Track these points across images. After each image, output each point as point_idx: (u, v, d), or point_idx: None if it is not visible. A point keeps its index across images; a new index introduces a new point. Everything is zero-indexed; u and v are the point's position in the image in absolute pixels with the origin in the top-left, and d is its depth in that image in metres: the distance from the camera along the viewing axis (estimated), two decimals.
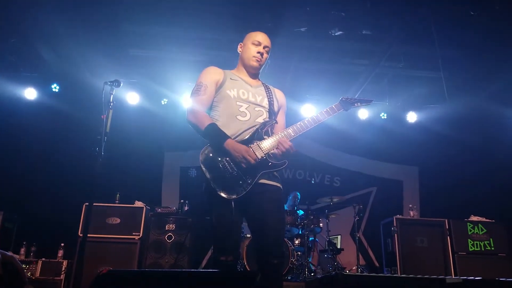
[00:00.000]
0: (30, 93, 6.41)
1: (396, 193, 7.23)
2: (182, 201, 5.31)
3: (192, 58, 6.20)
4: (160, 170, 6.97)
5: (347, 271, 5.10)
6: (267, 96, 2.53)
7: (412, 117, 7.13)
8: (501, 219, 5.15)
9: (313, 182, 7.22)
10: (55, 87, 6.49)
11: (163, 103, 6.91)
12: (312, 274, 4.83)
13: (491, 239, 4.93)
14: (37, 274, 4.67)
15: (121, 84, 2.98)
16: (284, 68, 6.38)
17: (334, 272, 2.50)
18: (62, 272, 4.70)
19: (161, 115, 6.93)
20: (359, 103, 2.67)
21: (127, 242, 4.77)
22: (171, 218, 5.00)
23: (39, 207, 6.07)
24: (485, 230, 4.95)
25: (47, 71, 6.30)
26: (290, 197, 5.93)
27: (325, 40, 5.66)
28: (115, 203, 5.01)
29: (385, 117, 7.19)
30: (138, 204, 5.05)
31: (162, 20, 5.41)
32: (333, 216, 5.60)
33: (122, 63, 6.09)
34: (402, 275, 2.68)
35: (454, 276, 4.64)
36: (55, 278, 4.67)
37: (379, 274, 2.62)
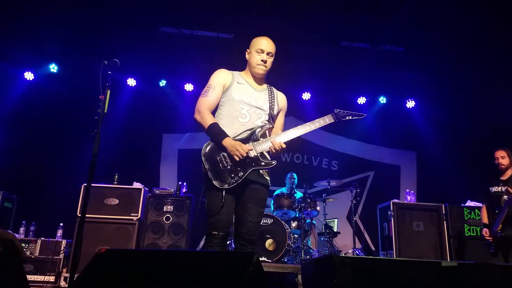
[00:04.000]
0: (28, 73, 6.36)
1: (393, 177, 7.27)
2: (180, 182, 5.32)
3: (192, 39, 6.16)
4: (159, 152, 6.98)
5: (343, 254, 5.16)
6: (269, 100, 2.76)
7: (410, 102, 7.14)
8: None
9: (313, 164, 7.25)
10: (53, 67, 6.44)
11: (161, 85, 6.88)
12: (308, 257, 4.89)
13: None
14: (36, 253, 4.72)
15: (119, 64, 2.93)
16: (283, 52, 6.33)
17: (329, 254, 2.54)
18: (61, 252, 4.75)
19: (159, 97, 6.92)
20: (351, 116, 2.86)
21: (125, 223, 4.81)
22: (169, 200, 5.03)
23: (38, 187, 6.10)
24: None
25: (45, 50, 6.24)
26: (288, 177, 5.95)
27: (326, 21, 5.62)
28: (114, 184, 5.02)
29: (384, 102, 7.19)
30: (137, 185, 5.06)
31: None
32: (330, 199, 5.63)
33: (121, 43, 6.02)
34: (398, 259, 2.72)
35: (450, 260, 4.70)
36: (54, 257, 4.71)
37: (375, 257, 2.67)
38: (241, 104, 2.65)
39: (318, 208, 5.47)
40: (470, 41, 5.75)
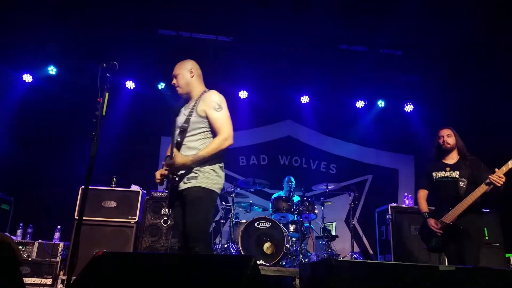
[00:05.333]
0: (26, 75, 6.37)
1: (391, 181, 7.28)
2: None
3: (191, 42, 6.17)
4: (157, 155, 6.97)
5: (341, 258, 5.15)
6: (189, 114, 2.82)
7: (409, 106, 7.18)
8: (496, 209, 5.18)
9: (311, 167, 7.26)
10: (52, 70, 6.44)
11: (160, 88, 6.89)
12: (307, 260, 4.88)
13: (485, 229, 4.96)
14: (34, 255, 4.70)
15: (117, 67, 2.94)
16: (282, 55, 6.36)
17: (327, 258, 2.54)
18: (59, 254, 4.73)
19: (158, 99, 6.93)
20: None
21: (123, 226, 4.80)
22: (167, 202, 5.00)
23: (36, 189, 6.09)
24: None
25: (44, 52, 6.24)
26: (285, 181, 5.96)
27: (324, 24, 5.64)
28: (112, 187, 5.02)
29: (383, 105, 7.22)
30: (135, 188, 5.06)
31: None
32: (328, 203, 5.63)
33: (120, 45, 6.03)
34: (396, 262, 2.72)
35: (448, 264, 4.69)
36: (52, 260, 4.69)
37: (372, 261, 2.68)
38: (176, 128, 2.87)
39: (316, 211, 5.46)
40: (468, 45, 5.79)
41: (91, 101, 2.93)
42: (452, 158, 3.71)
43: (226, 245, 5.06)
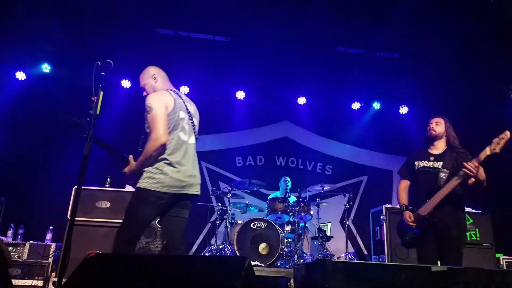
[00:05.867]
0: (19, 73, 6.31)
1: (386, 182, 7.30)
2: None
3: (188, 42, 6.15)
4: None
5: (336, 258, 5.16)
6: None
7: (404, 108, 7.21)
8: (487, 210, 5.20)
9: (308, 168, 7.27)
10: (45, 67, 6.39)
11: None
12: (302, 260, 4.88)
13: (477, 230, 4.99)
14: (25, 257, 4.64)
15: (112, 65, 2.91)
16: (279, 56, 6.36)
17: (321, 258, 2.54)
18: (50, 255, 4.68)
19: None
20: None
21: (117, 227, 4.69)
22: None
23: (28, 189, 6.03)
24: (471, 221, 5.00)
25: (38, 50, 6.19)
26: (282, 181, 5.96)
27: (322, 26, 5.64)
28: (106, 187, 4.97)
29: (378, 107, 7.25)
30: (129, 188, 5.01)
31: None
32: (324, 204, 5.63)
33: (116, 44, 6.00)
34: (389, 263, 2.74)
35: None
36: (43, 261, 4.64)
37: (366, 261, 2.67)
38: None
39: (311, 212, 5.47)
40: (464, 48, 5.81)
41: (86, 100, 2.90)
42: (439, 148, 3.44)
43: (221, 246, 5.04)
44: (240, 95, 7.05)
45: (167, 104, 2.80)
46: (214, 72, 6.76)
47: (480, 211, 5.16)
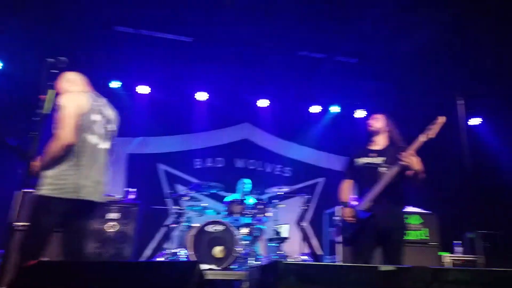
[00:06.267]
0: None
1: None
2: (127, 189, 5.15)
3: (149, 40, 6.01)
4: None
5: (291, 259, 5.21)
6: None
7: (361, 112, 7.43)
8: (435, 211, 5.45)
9: (266, 170, 7.32)
10: None
11: (112, 86, 6.68)
12: (258, 263, 4.89)
13: (426, 230, 5.20)
14: None
15: (67, 62, 2.78)
16: (242, 57, 6.36)
17: (274, 260, 2.56)
18: None
19: (110, 98, 6.68)
20: None
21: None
22: (114, 207, 4.84)
23: None
24: (421, 221, 5.22)
25: None
26: (240, 184, 5.96)
27: (285, 30, 5.70)
28: None
29: (337, 111, 7.45)
30: None
31: None
32: (281, 205, 5.68)
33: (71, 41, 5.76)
34: (339, 264, 2.80)
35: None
36: None
37: (318, 262, 2.71)
38: None
39: (269, 214, 5.49)
40: (420, 55, 6.06)
41: (37, 98, 2.75)
42: (379, 144, 3.40)
43: (175, 250, 4.95)
44: (201, 96, 6.99)
45: (80, 105, 2.71)
46: (175, 72, 6.66)
47: (429, 212, 5.39)
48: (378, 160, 3.25)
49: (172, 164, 6.96)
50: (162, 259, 4.82)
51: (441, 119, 3.10)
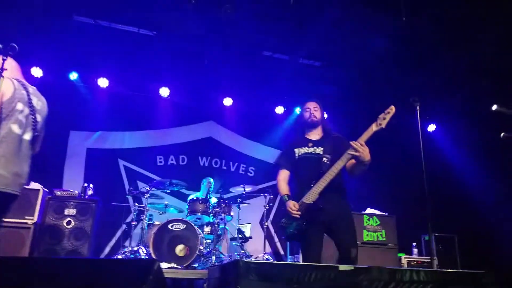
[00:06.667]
0: None
1: None
2: (86, 184, 4.97)
3: (109, 32, 5.82)
4: (64, 150, 6.45)
5: (253, 259, 5.22)
6: None
7: (324, 115, 7.55)
8: (394, 213, 5.65)
9: (231, 169, 7.30)
10: None
11: (71, 78, 6.43)
12: (220, 262, 4.86)
13: (383, 231, 5.39)
14: None
15: (17, 49, 2.62)
16: (206, 56, 6.30)
17: (235, 259, 2.53)
18: None
19: (68, 90, 6.45)
20: None
21: (18, 227, 4.35)
22: (72, 202, 4.66)
23: None
24: (379, 222, 5.40)
25: None
26: (204, 182, 5.89)
27: (250, 29, 5.70)
28: None
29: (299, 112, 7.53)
30: (34, 185, 4.61)
31: None
32: (244, 205, 5.68)
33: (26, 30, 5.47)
34: (300, 263, 2.82)
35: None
36: None
37: (278, 262, 2.70)
38: None
39: (232, 213, 5.48)
40: (380, 61, 6.24)
41: None
42: (316, 134, 3.33)
43: (136, 248, 4.83)
44: (164, 92, 6.85)
45: (4, 91, 2.55)
46: (137, 67, 6.50)
47: (386, 214, 5.58)
48: (319, 150, 3.19)
49: (133, 161, 6.78)
50: (121, 257, 4.68)
51: (392, 109, 3.00)
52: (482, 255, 5.92)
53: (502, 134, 3.36)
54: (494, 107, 6.61)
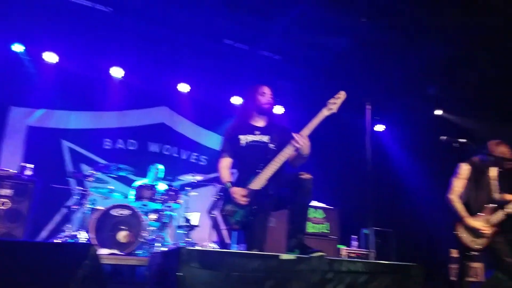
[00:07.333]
0: None
1: None
2: (24, 164, 4.68)
3: (61, 4, 5.48)
4: (2, 127, 6.03)
5: (198, 247, 5.21)
6: None
7: (280, 108, 7.63)
8: (338, 206, 5.85)
9: (182, 157, 7.20)
10: None
11: (15, 50, 6.01)
12: (164, 249, 4.80)
13: (328, 224, 5.57)
14: None
15: None
16: (163, 38, 6.12)
17: (177, 246, 2.50)
18: None
19: (10, 62, 6.02)
20: None
21: None
22: (8, 182, 4.38)
23: None
24: (324, 215, 5.57)
25: None
26: (152, 168, 5.76)
27: (211, 16, 5.60)
28: None
29: None
30: None
31: None
32: (194, 193, 5.63)
33: None
34: (242, 251, 2.84)
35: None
36: None
37: (222, 250, 2.70)
38: None
39: (180, 201, 5.42)
40: (336, 60, 6.41)
41: None
42: (263, 121, 3.26)
43: (76, 233, 4.64)
44: (117, 72, 6.58)
45: None
46: (90, 44, 6.17)
47: (331, 207, 5.76)
48: (265, 138, 3.13)
49: (79, 142, 6.47)
50: (59, 241, 4.48)
51: (342, 94, 3.03)
52: (416, 249, 6.31)
53: (441, 138, 3.55)
54: (437, 112, 7.07)
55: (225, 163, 3.20)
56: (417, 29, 5.49)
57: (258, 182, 2.91)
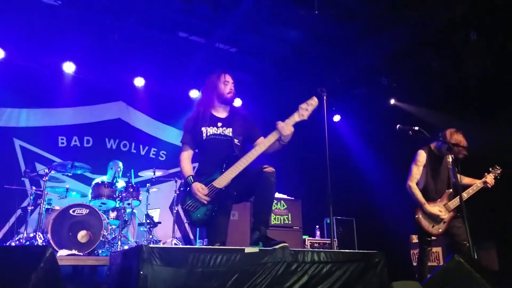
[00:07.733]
0: None
1: None
2: None
3: None
4: None
5: (161, 244, 5.15)
6: None
7: (238, 101, 7.62)
8: (301, 198, 5.96)
9: (140, 153, 7.03)
10: None
11: None
12: (126, 248, 4.70)
13: (289, 214, 5.67)
14: None
15: None
16: (115, 31, 5.92)
17: (138, 245, 2.45)
18: None
19: None
20: None
21: None
22: None
23: None
24: (285, 206, 5.66)
25: None
26: (111, 165, 5.60)
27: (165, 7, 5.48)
28: None
29: None
30: None
31: None
32: (154, 189, 5.55)
33: None
34: (206, 247, 2.82)
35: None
36: None
37: (184, 246, 2.67)
38: None
39: (140, 198, 5.33)
40: (293, 52, 6.48)
41: None
42: (225, 111, 3.11)
43: (32, 235, 4.45)
44: (69, 67, 6.30)
45: None
46: (40, 38, 5.87)
47: (293, 198, 5.87)
48: (228, 131, 3.00)
49: (31, 141, 6.18)
50: (14, 244, 4.28)
51: (315, 101, 2.93)
52: (378, 236, 6.55)
53: (397, 126, 3.68)
54: (392, 102, 7.34)
55: (186, 155, 3.07)
56: (370, 21, 5.66)
57: (223, 181, 2.82)
